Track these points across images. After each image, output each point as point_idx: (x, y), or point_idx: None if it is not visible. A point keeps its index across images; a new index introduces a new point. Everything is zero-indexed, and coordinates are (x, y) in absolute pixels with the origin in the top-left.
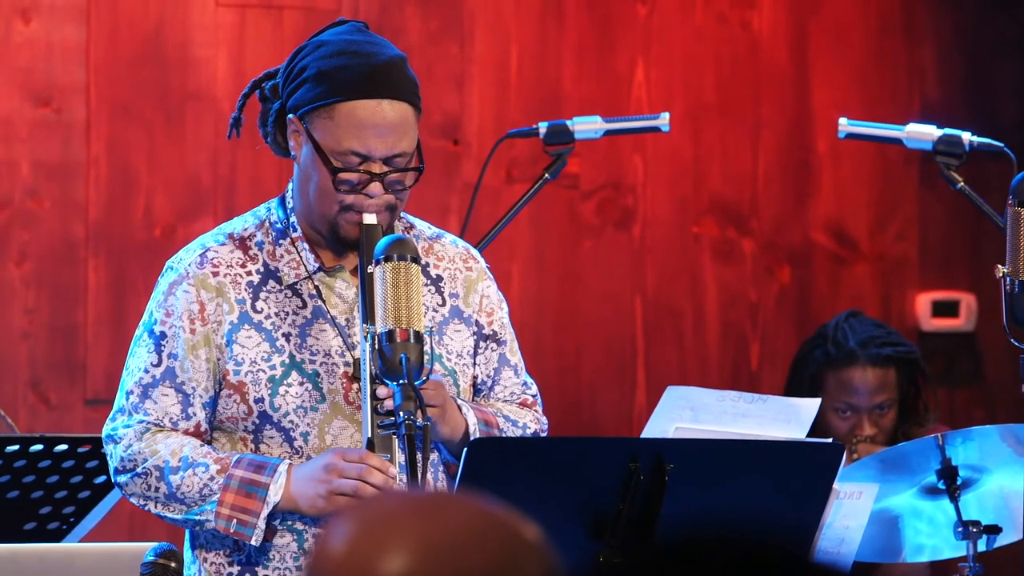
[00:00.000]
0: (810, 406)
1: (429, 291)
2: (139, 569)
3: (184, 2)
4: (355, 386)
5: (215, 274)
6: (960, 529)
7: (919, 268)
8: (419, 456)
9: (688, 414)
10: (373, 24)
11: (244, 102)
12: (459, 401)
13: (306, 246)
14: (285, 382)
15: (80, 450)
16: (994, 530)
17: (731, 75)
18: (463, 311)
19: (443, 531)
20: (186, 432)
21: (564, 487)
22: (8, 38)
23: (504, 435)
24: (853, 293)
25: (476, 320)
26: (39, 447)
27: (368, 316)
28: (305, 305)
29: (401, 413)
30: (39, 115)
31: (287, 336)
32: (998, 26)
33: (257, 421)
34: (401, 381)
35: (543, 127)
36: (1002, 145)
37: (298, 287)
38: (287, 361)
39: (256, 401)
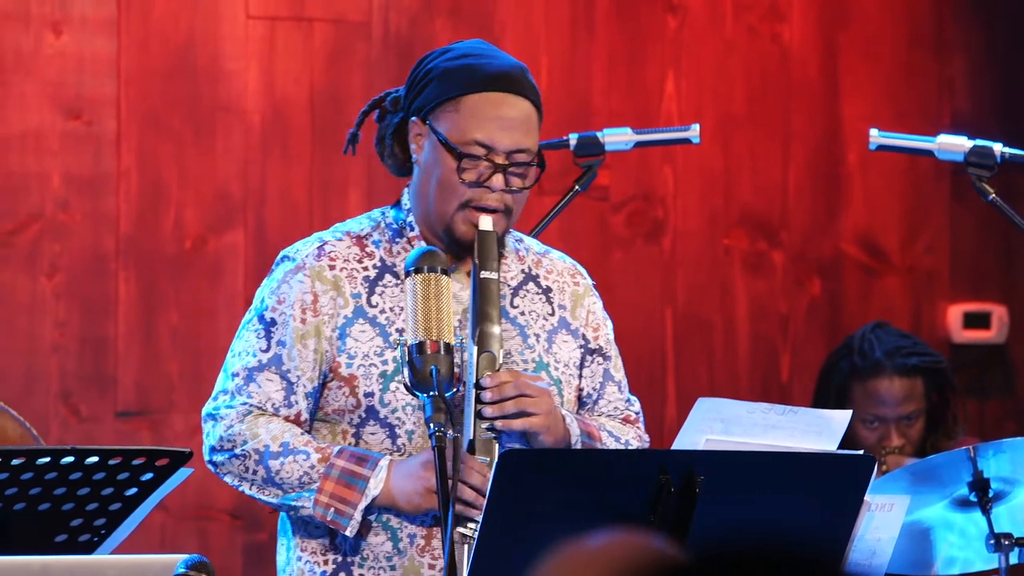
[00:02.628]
0: (842, 418)
1: (540, 300)
2: None
3: (215, 15)
4: (460, 387)
5: (331, 267)
6: (992, 541)
7: (950, 280)
8: (452, 467)
9: (719, 426)
10: (403, 36)
11: (363, 119)
12: (564, 412)
13: (423, 245)
14: (396, 378)
15: (111, 462)
16: None
17: (761, 87)
18: (571, 323)
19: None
20: (286, 419)
21: (595, 499)
22: (39, 51)
23: (606, 447)
24: (884, 305)
25: (583, 333)
26: (70, 459)
27: (475, 322)
28: None
29: (431, 425)
30: (70, 128)
31: (400, 332)
32: None
33: (363, 415)
34: (432, 393)
35: (573, 139)
36: None
37: None
38: (399, 357)
39: (366, 395)
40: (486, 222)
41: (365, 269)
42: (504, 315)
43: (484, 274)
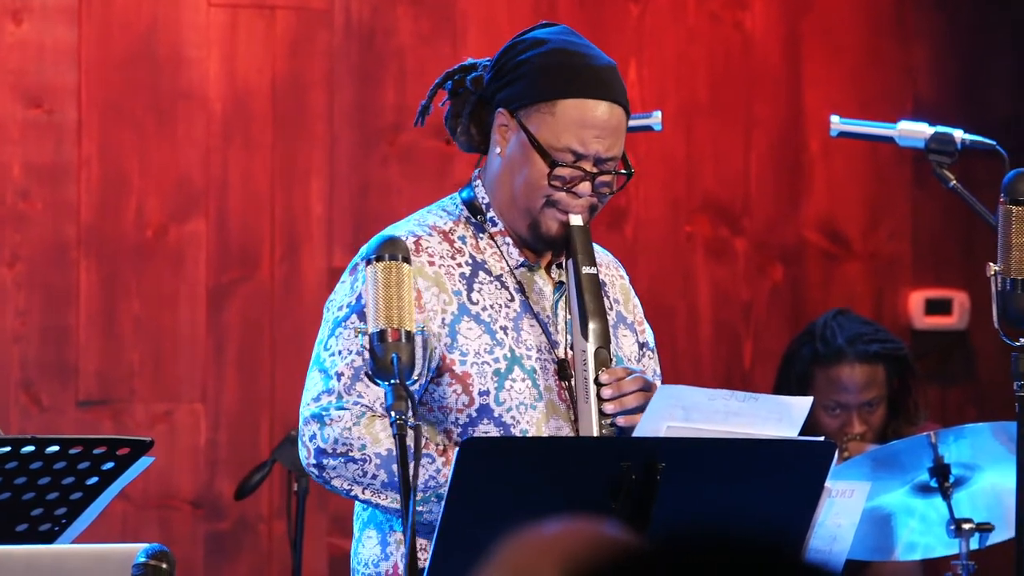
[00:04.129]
0: (802, 404)
1: (602, 294)
2: (131, 570)
3: (176, 3)
4: (564, 384)
5: (431, 263)
6: (953, 527)
7: (912, 266)
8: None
9: (680, 413)
10: (365, 24)
11: (435, 92)
12: None
13: (508, 240)
14: (510, 377)
15: (72, 451)
16: (986, 528)
17: (723, 74)
18: (627, 317)
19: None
20: None
21: (556, 486)
22: None
23: None
24: (846, 291)
25: (635, 328)
26: (30, 449)
27: (583, 318)
28: (513, 299)
29: (392, 413)
30: (30, 116)
31: (504, 329)
32: (989, 24)
33: (474, 414)
34: (392, 381)
35: None
36: (994, 143)
37: (504, 280)
38: (508, 355)
39: (481, 393)
40: (576, 218)
41: (459, 266)
42: None
43: (586, 270)
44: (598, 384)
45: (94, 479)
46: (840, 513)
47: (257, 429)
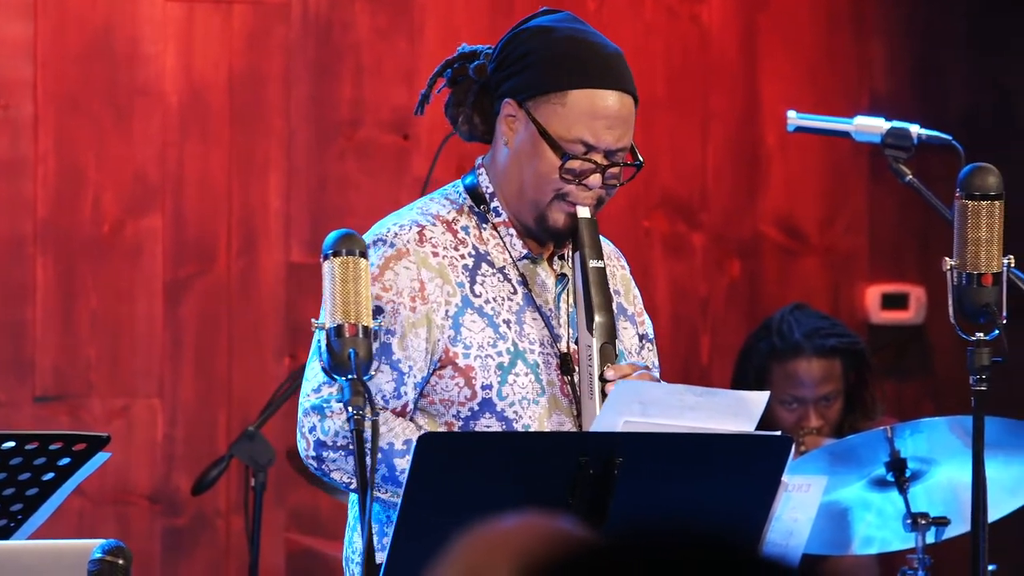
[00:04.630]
0: (759, 399)
1: None
2: (87, 566)
3: None
4: (567, 379)
5: (435, 254)
6: (909, 521)
7: (868, 261)
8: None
9: (637, 408)
10: (323, 18)
11: (435, 80)
12: None
13: (512, 232)
14: (513, 371)
15: (28, 447)
16: (943, 522)
17: (680, 69)
18: (627, 309)
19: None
20: (393, 412)
21: (513, 481)
22: None
23: None
24: (803, 286)
25: (636, 319)
26: None
27: (589, 312)
28: (516, 292)
29: (350, 408)
30: None
31: (507, 323)
32: (946, 19)
33: (477, 407)
34: (350, 376)
35: None
36: (950, 138)
37: (507, 272)
38: (511, 348)
39: (483, 387)
40: (584, 210)
41: (463, 257)
42: None
43: (593, 263)
44: (603, 380)
45: (50, 475)
46: (797, 507)
47: (214, 424)
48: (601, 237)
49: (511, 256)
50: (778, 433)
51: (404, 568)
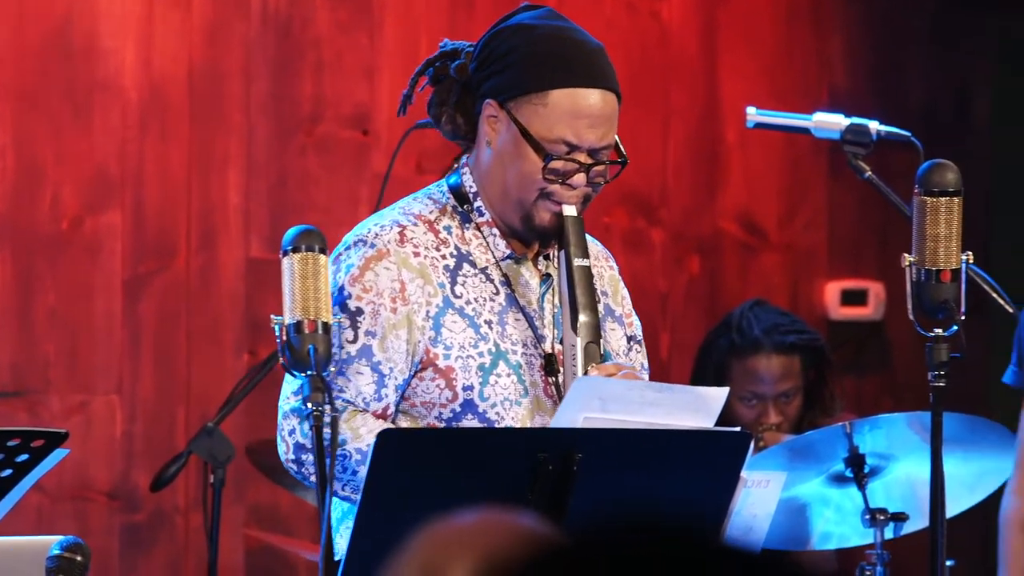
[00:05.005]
0: (718, 395)
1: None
2: (45, 563)
3: None
4: (551, 380)
5: (416, 255)
6: (867, 517)
7: (828, 257)
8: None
9: (597, 404)
10: (282, 14)
11: (416, 80)
12: None
13: (495, 232)
14: (495, 372)
15: None
16: (901, 517)
17: (641, 65)
18: (614, 310)
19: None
20: (374, 414)
21: (473, 478)
22: None
23: None
24: (762, 282)
25: (623, 320)
26: None
27: (574, 311)
28: (498, 292)
29: (309, 405)
30: None
31: (489, 323)
32: (905, 15)
33: (458, 409)
34: (309, 372)
35: None
36: (909, 134)
37: (489, 273)
38: (493, 349)
39: (465, 388)
40: (570, 209)
41: (444, 258)
42: None
43: (578, 262)
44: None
45: (8, 471)
46: (756, 503)
47: (173, 420)
48: (590, 238)
49: (494, 256)
50: (737, 429)
51: (363, 565)
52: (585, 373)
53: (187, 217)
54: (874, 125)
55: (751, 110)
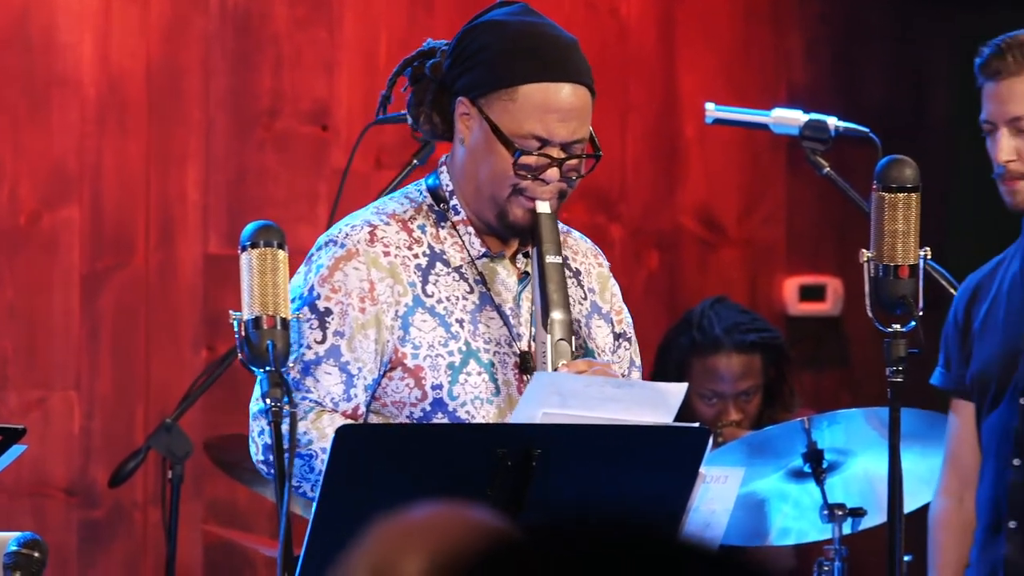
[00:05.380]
0: (677, 391)
1: (572, 284)
2: (2, 559)
3: None
4: (525, 378)
5: (386, 254)
6: (826, 512)
7: (786, 253)
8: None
9: (556, 399)
10: (241, 9)
11: (395, 80)
12: None
13: (471, 230)
14: (464, 370)
15: None
16: (859, 513)
17: (599, 61)
18: (601, 307)
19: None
20: (344, 414)
21: (432, 473)
22: None
23: None
24: (721, 278)
25: (611, 317)
26: None
27: (545, 309)
28: (472, 291)
29: (267, 401)
30: None
31: (460, 322)
32: (864, 11)
33: (428, 408)
34: (268, 368)
35: None
36: (867, 130)
37: (463, 271)
38: (464, 348)
39: (434, 387)
40: (544, 205)
41: (416, 256)
42: None
43: (550, 259)
44: None
45: None
46: (714, 499)
47: (132, 416)
48: (579, 235)
49: (470, 255)
50: (696, 424)
51: (321, 561)
52: (555, 370)
53: (145, 213)
54: (832, 121)
55: (710, 106)
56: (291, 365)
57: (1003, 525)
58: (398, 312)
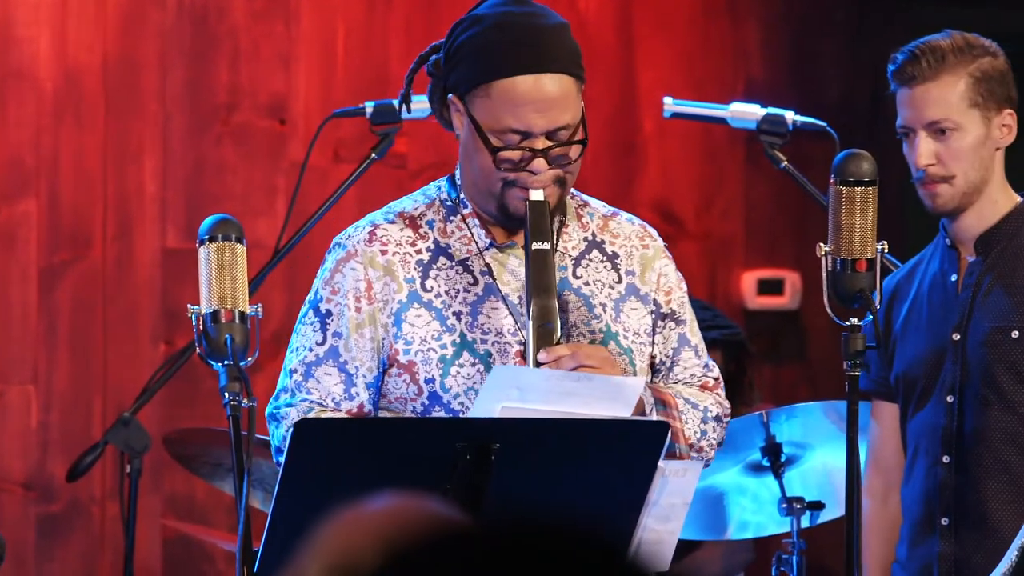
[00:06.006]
0: (636, 385)
1: (605, 268)
2: None
3: None
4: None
5: (383, 252)
6: (784, 505)
7: (744, 247)
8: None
9: (515, 393)
10: (198, 3)
11: (412, 77)
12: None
13: (477, 222)
14: (456, 362)
15: None
16: (817, 506)
17: None
18: (640, 289)
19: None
20: (349, 412)
21: (391, 468)
22: None
23: (682, 416)
24: (680, 272)
25: (654, 299)
26: None
27: (529, 295)
28: (476, 282)
29: (226, 394)
30: None
31: (458, 315)
32: (821, 6)
33: (427, 402)
34: (226, 362)
35: (369, 106)
36: (825, 124)
37: (469, 263)
38: (458, 340)
39: (426, 381)
40: (537, 193)
41: (419, 252)
42: (567, 286)
43: (536, 245)
44: (537, 364)
45: None
46: (673, 493)
47: (89, 410)
48: (627, 217)
49: (477, 247)
50: (654, 419)
51: (280, 554)
52: (535, 356)
53: (103, 206)
54: (790, 115)
55: (668, 100)
56: (296, 367)
57: (935, 522)
58: (392, 309)
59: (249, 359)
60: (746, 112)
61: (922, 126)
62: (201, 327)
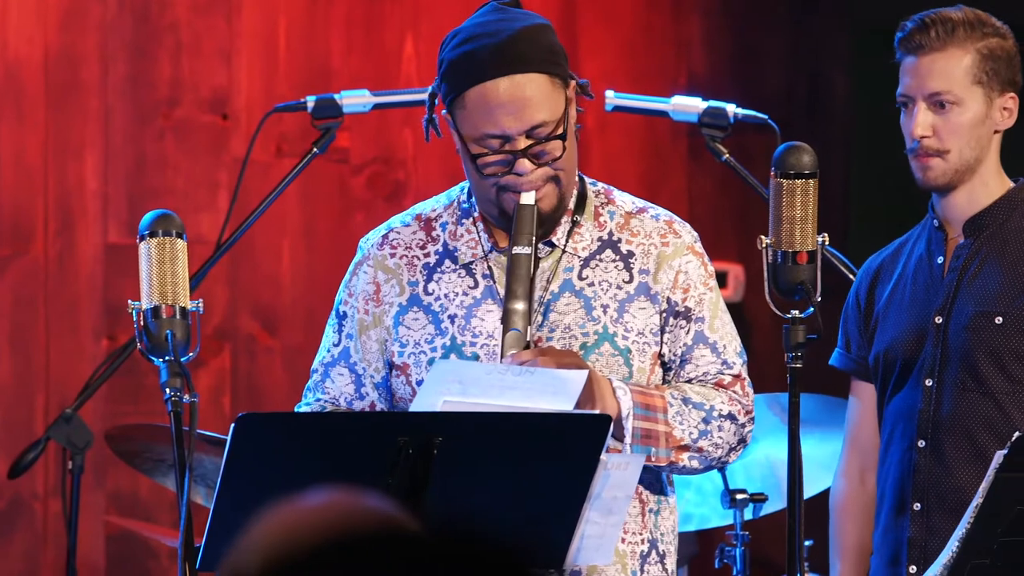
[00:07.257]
0: (578, 378)
1: (616, 268)
2: None
3: None
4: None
5: (392, 255)
6: (727, 498)
7: None
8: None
9: (457, 387)
10: None
11: (433, 101)
12: (617, 384)
13: (481, 226)
14: None
15: None
16: (760, 498)
17: None
18: (651, 288)
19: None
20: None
21: (334, 462)
22: None
23: (673, 419)
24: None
25: (667, 297)
26: None
27: (507, 297)
28: (477, 285)
29: (167, 390)
30: None
31: (452, 318)
32: (763, 1)
33: None
34: (167, 358)
35: (311, 101)
36: (766, 117)
37: (472, 267)
38: (448, 343)
39: (419, 383)
40: (528, 196)
41: (427, 256)
42: (570, 287)
43: (515, 249)
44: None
45: None
46: (616, 486)
47: (32, 406)
48: (653, 214)
49: (483, 250)
50: (596, 412)
51: (221, 550)
52: (500, 360)
53: (44, 202)
54: (731, 108)
55: (610, 93)
56: (316, 367)
57: (907, 507)
58: (394, 312)
59: (190, 355)
60: (687, 105)
61: (923, 97)
62: (142, 323)
